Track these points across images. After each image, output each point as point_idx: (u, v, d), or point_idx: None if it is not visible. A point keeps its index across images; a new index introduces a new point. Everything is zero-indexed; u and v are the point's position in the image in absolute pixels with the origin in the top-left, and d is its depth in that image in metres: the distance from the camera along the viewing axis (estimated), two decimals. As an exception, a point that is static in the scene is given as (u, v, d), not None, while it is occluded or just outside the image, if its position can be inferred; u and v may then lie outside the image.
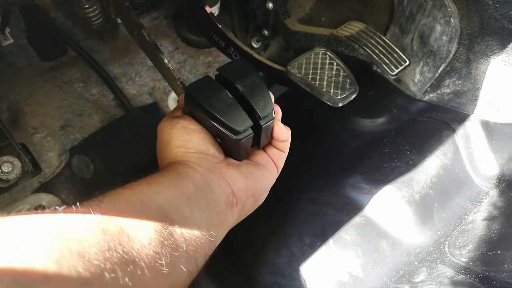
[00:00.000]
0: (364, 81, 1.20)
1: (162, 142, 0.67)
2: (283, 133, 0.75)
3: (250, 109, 0.74)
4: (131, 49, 1.19)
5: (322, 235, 0.91)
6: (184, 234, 0.51)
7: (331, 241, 0.89)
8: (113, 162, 1.01)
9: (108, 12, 1.09)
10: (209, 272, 0.82)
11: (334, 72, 0.96)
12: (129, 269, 0.42)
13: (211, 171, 0.63)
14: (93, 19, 1.08)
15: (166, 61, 0.91)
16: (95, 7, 1.05)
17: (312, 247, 0.89)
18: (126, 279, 0.41)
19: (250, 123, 0.73)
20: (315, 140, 1.14)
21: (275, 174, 0.75)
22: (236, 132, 0.71)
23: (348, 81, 0.95)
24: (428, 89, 1.19)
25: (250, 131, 0.73)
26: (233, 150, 0.77)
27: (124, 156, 1.03)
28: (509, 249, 0.76)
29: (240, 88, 0.74)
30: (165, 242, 0.47)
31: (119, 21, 1.13)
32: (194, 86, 0.75)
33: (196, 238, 0.53)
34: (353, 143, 1.12)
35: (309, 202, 0.99)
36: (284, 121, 0.82)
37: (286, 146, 0.78)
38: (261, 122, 0.75)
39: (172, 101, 1.24)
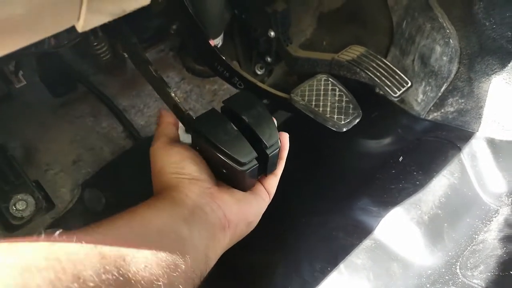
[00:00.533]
0: (367, 103, 1.21)
1: (156, 168, 0.70)
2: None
3: (257, 139, 0.76)
4: (138, 81, 1.22)
5: (333, 260, 0.91)
6: (183, 254, 0.53)
7: (342, 266, 0.89)
8: (123, 193, 1.03)
9: (115, 48, 1.13)
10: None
11: (337, 98, 0.98)
12: None
13: (203, 196, 0.66)
14: (102, 55, 1.12)
15: (173, 94, 0.93)
16: (103, 44, 1.09)
17: (323, 272, 0.89)
18: None
19: (255, 154, 0.75)
20: (321, 164, 1.15)
21: (267, 200, 0.78)
22: (241, 164, 0.73)
23: (351, 106, 0.97)
24: (432, 108, 1.20)
25: (255, 162, 0.75)
26: (238, 180, 0.79)
27: (134, 186, 1.05)
28: (521, 270, 0.76)
29: (246, 119, 0.76)
30: (163, 263, 0.49)
31: (127, 55, 1.17)
32: (201, 120, 0.77)
33: (194, 259, 0.55)
34: (360, 166, 1.13)
35: (318, 227, 0.99)
36: (291, 146, 0.84)
37: (278, 169, 0.81)
38: (268, 151, 0.77)
39: (181, 130, 1.26)
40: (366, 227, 0.96)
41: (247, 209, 0.72)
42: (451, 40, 1.07)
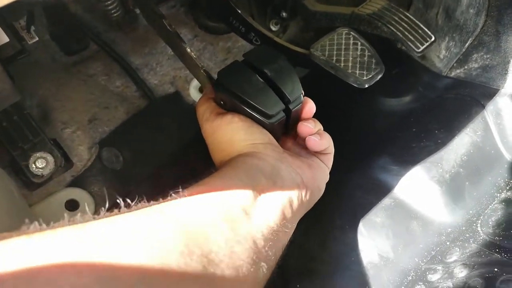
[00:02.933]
0: (388, 59, 1.16)
1: (224, 138, 0.67)
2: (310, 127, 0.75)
3: (279, 93, 0.74)
4: (151, 39, 1.19)
5: (352, 218, 0.91)
6: (263, 228, 0.51)
7: (360, 225, 0.89)
8: (141, 152, 1.02)
9: (126, 3, 1.09)
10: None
11: (359, 53, 0.94)
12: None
13: (280, 160, 0.63)
14: (112, 11, 1.08)
15: (189, 50, 0.90)
16: (113, -1, 1.05)
17: (343, 230, 0.89)
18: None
19: (282, 106, 0.73)
20: (341, 122, 1.13)
21: (327, 171, 0.76)
22: (269, 116, 0.72)
23: (374, 61, 0.93)
24: (455, 64, 1.15)
25: (282, 114, 0.74)
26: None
27: (151, 145, 1.05)
28: (546, 227, 0.75)
29: (268, 72, 0.74)
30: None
31: (138, 11, 1.13)
32: (224, 73, 0.75)
33: (273, 231, 0.53)
34: (380, 124, 1.11)
35: (337, 185, 0.98)
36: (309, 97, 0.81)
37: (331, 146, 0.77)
38: (291, 106, 0.75)
39: (193, 89, 1.24)
40: (385, 186, 0.94)
41: (318, 174, 0.71)
42: (479, -9, 1.01)
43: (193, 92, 1.24)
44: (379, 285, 0.81)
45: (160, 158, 1.01)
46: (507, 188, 0.89)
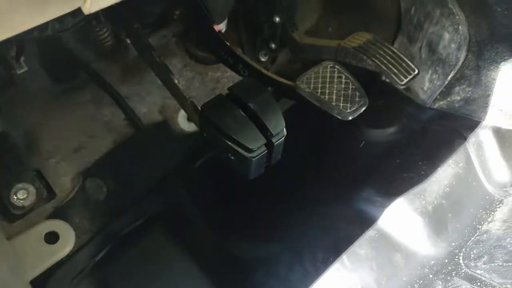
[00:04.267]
0: (373, 91, 1.19)
1: None
2: None
3: (262, 126, 0.75)
4: (141, 68, 1.21)
5: (335, 250, 0.91)
6: None
7: (344, 256, 0.89)
8: (125, 182, 1.02)
9: (118, 33, 1.11)
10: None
11: (343, 86, 0.96)
12: None
13: None
14: (104, 41, 1.10)
15: (176, 81, 0.92)
16: (105, 29, 1.07)
17: (326, 263, 0.89)
18: None
19: (264, 141, 0.74)
20: (325, 153, 1.14)
21: None
22: (250, 150, 0.73)
23: (358, 93, 0.95)
24: (438, 96, 1.18)
25: (264, 148, 0.74)
26: (245, 167, 0.78)
27: (136, 175, 1.05)
28: (526, 261, 0.75)
29: (252, 106, 0.75)
30: None
31: (129, 41, 1.15)
32: (208, 106, 0.76)
33: None
34: (364, 155, 1.12)
35: (321, 216, 0.99)
36: (293, 135, 0.82)
37: None
38: (273, 140, 0.76)
39: (182, 118, 1.25)
40: (369, 217, 0.95)
41: None
42: (460, 27, 1.04)
43: (182, 121, 1.25)
44: (362, 320, 0.80)
45: (145, 187, 1.01)
46: (489, 220, 0.90)
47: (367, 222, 0.94)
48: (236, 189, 1.11)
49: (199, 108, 0.80)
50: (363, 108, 0.95)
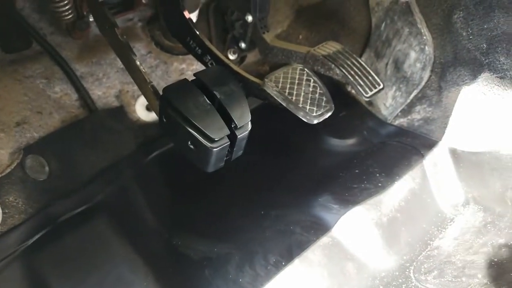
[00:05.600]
0: (337, 102, 1.19)
1: None
2: None
3: (227, 117, 0.71)
4: (101, 49, 1.13)
5: (288, 254, 0.88)
6: None
7: (296, 261, 0.86)
8: (71, 165, 0.94)
9: (80, 8, 1.04)
10: (167, 288, 0.77)
11: (311, 89, 0.95)
12: None
13: None
14: (64, 14, 1.02)
15: (138, 63, 0.86)
16: (66, 1, 1.00)
17: (277, 267, 0.86)
18: None
19: (227, 131, 0.70)
20: (286, 156, 1.12)
21: None
22: (211, 140, 0.68)
23: (324, 99, 0.94)
24: (399, 114, 1.20)
25: (226, 140, 0.70)
26: (205, 158, 0.74)
27: (83, 159, 0.97)
28: (473, 277, 0.76)
29: (218, 95, 0.71)
30: None
31: (91, 19, 1.08)
32: (171, 89, 0.71)
33: None
34: (324, 162, 1.11)
35: (276, 220, 0.96)
36: (256, 135, 0.79)
37: None
38: (237, 132, 0.73)
39: (140, 106, 1.19)
40: (324, 224, 0.93)
41: None
42: (426, 47, 1.07)
43: (140, 109, 1.19)
44: (309, 328, 0.78)
45: (92, 175, 0.94)
46: (440, 236, 0.92)
47: (322, 228, 0.92)
48: (191, 185, 1.06)
49: (160, 94, 0.75)
50: (329, 114, 0.94)
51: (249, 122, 0.74)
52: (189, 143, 0.72)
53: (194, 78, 0.74)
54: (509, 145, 0.91)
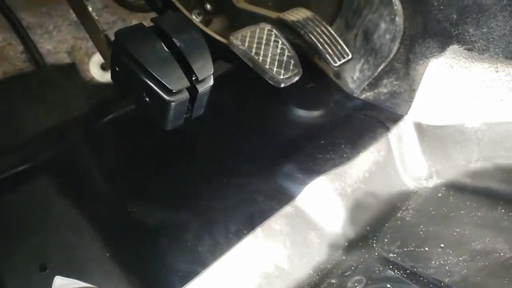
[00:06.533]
0: (304, 73, 1.16)
1: None
2: None
3: (187, 69, 0.65)
4: (51, -2, 1.03)
5: (250, 223, 0.84)
6: None
7: (258, 230, 0.82)
8: (12, 120, 0.85)
9: None
10: (120, 256, 0.71)
11: (278, 51, 0.90)
12: None
13: None
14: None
15: (90, 8, 0.78)
16: None
17: (238, 235, 0.82)
18: None
19: (187, 83, 0.64)
20: (250, 125, 1.07)
21: None
22: (170, 92, 0.62)
23: (292, 62, 0.90)
24: (366, 87, 1.18)
25: (186, 93, 0.65)
26: (162, 113, 0.68)
27: (27, 116, 0.88)
28: (436, 247, 0.75)
29: (178, 43, 0.65)
30: None
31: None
32: (125, 33, 0.64)
33: None
34: (289, 133, 1.07)
35: (238, 188, 0.91)
36: (220, 101, 0.74)
37: None
38: (198, 86, 0.67)
39: (94, 65, 1.10)
40: (288, 193, 0.90)
41: None
42: (397, 18, 1.05)
43: (94, 67, 1.09)
44: (270, 297, 0.74)
45: (36, 132, 0.85)
46: (403, 208, 0.91)
47: (285, 197, 0.89)
48: (148, 151, 0.99)
49: (115, 42, 0.67)
50: (297, 78, 0.90)
51: (212, 77, 0.68)
52: (144, 95, 0.66)
53: (151, 24, 0.67)
54: (473, 118, 0.91)
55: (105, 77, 1.09)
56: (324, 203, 0.89)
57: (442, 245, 0.75)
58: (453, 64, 0.96)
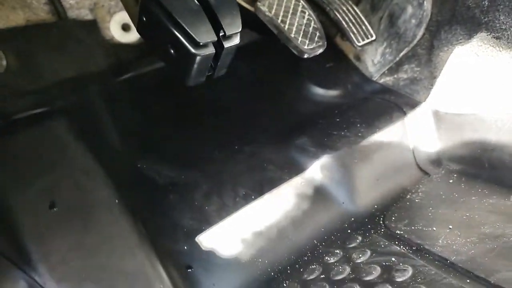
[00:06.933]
0: (325, 53, 1.15)
1: None
2: None
3: (216, 23, 0.65)
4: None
5: (259, 189, 0.84)
6: None
7: (266, 196, 0.83)
8: (32, 66, 0.85)
9: None
10: (128, 206, 0.71)
11: (305, 21, 0.89)
12: None
13: None
14: None
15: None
16: None
17: (246, 199, 0.82)
18: None
19: (214, 37, 0.63)
20: (267, 97, 1.07)
21: None
22: (197, 45, 0.62)
23: (318, 34, 0.89)
24: (386, 72, 1.17)
25: (212, 48, 0.64)
26: (186, 67, 0.67)
27: (46, 64, 0.88)
28: (444, 227, 0.75)
29: (208, -4, 0.64)
30: None
31: None
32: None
33: None
34: (305, 107, 1.07)
35: (250, 155, 0.91)
36: (241, 72, 0.73)
37: None
38: (225, 42, 0.66)
39: (115, 24, 1.09)
40: (299, 165, 0.90)
41: None
42: (425, 3, 1.03)
43: (115, 27, 1.09)
44: (273, 259, 0.75)
45: (53, 81, 0.85)
46: (413, 191, 0.90)
47: (295, 169, 0.89)
48: (163, 112, 0.99)
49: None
50: (320, 50, 0.89)
51: (239, 35, 0.67)
52: (170, 46, 0.65)
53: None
54: (495, 108, 0.90)
55: (125, 37, 1.09)
56: (334, 178, 0.88)
57: (450, 227, 0.74)
58: (479, 52, 0.94)
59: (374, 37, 1.07)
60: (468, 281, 0.61)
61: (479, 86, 0.94)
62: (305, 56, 0.85)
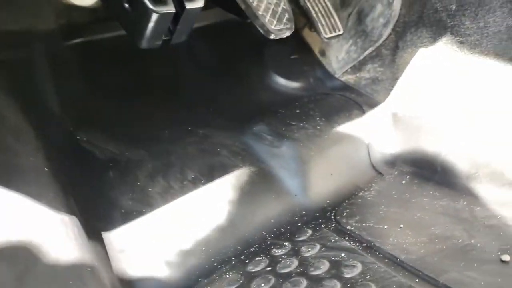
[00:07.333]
0: (290, 44, 1.12)
1: None
2: None
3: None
4: None
5: (209, 174, 0.78)
6: None
7: (217, 182, 0.77)
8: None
9: None
10: (59, 177, 0.63)
11: (275, 0, 0.84)
12: None
13: None
14: None
15: None
16: None
17: (195, 183, 0.76)
18: None
19: None
20: (227, 79, 1.02)
21: None
22: (155, 0, 0.56)
23: (287, 16, 0.85)
24: (349, 70, 1.15)
25: (172, 7, 0.58)
26: (141, 25, 0.61)
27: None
28: (395, 226, 0.73)
29: None
30: None
31: None
32: None
33: None
34: (265, 96, 1.03)
35: (202, 138, 0.86)
36: (202, 45, 0.68)
37: None
38: (187, 3, 0.61)
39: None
40: (254, 153, 0.85)
41: None
42: (394, 2, 1.02)
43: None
44: (217, 248, 0.69)
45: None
46: (365, 189, 0.88)
47: (250, 156, 0.84)
48: (111, 83, 0.91)
49: None
50: (288, 33, 0.85)
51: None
52: (125, 3, 0.59)
53: None
54: (452, 112, 0.90)
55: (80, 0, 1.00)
56: (288, 169, 0.85)
57: (401, 226, 0.73)
58: (441, 56, 0.94)
59: (341, 31, 1.05)
60: (417, 280, 0.60)
61: (438, 91, 0.94)
62: (272, 36, 0.81)
